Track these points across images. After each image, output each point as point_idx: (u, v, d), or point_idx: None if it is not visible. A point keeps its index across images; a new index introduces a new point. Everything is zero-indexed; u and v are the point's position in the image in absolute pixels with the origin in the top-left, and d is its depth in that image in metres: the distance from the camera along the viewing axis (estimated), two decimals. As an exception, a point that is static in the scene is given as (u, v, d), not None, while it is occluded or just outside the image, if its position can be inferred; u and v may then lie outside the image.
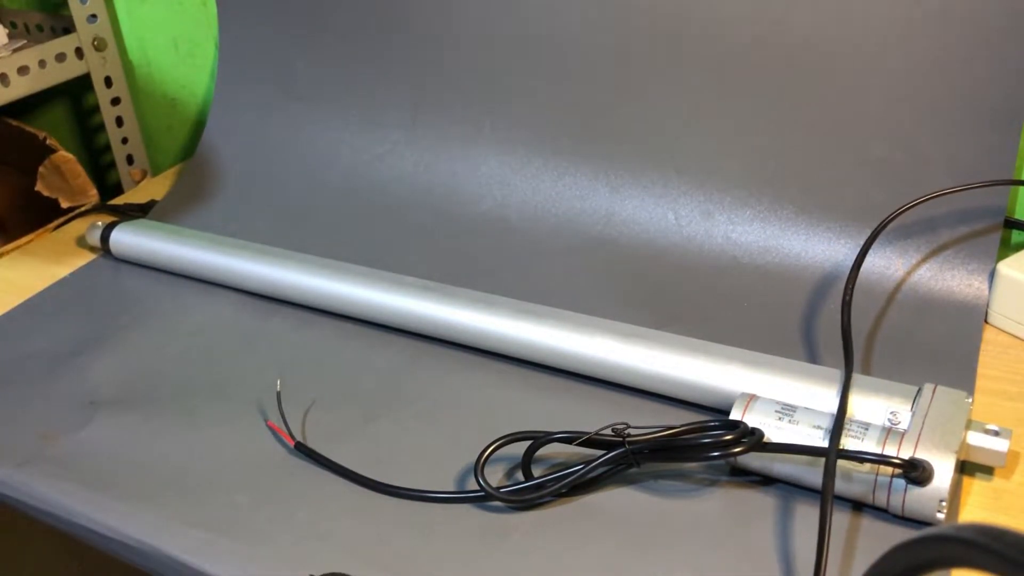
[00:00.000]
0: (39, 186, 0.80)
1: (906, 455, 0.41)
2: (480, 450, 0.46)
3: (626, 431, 0.44)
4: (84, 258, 0.72)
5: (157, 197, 0.80)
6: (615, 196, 0.67)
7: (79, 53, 0.84)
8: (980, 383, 0.51)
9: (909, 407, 0.44)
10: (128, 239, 0.69)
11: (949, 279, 0.57)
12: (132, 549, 0.45)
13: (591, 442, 0.45)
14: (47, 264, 0.72)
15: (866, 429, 0.43)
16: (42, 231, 0.76)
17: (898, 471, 0.41)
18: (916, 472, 0.40)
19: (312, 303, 0.62)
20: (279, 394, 0.53)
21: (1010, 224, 0.59)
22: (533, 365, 0.55)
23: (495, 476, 0.47)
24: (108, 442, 0.51)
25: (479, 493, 0.45)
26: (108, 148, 0.93)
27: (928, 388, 0.45)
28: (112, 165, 0.98)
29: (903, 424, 0.43)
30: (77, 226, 0.77)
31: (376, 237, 0.70)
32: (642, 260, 0.63)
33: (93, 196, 0.80)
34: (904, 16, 0.57)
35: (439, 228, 0.70)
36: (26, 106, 0.98)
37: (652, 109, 0.66)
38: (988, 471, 0.45)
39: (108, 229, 0.70)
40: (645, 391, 0.52)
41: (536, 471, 0.46)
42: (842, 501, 0.44)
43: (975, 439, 0.44)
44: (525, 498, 0.45)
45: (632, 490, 0.46)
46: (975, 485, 0.45)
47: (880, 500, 0.42)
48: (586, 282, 0.62)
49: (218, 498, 0.47)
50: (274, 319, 0.62)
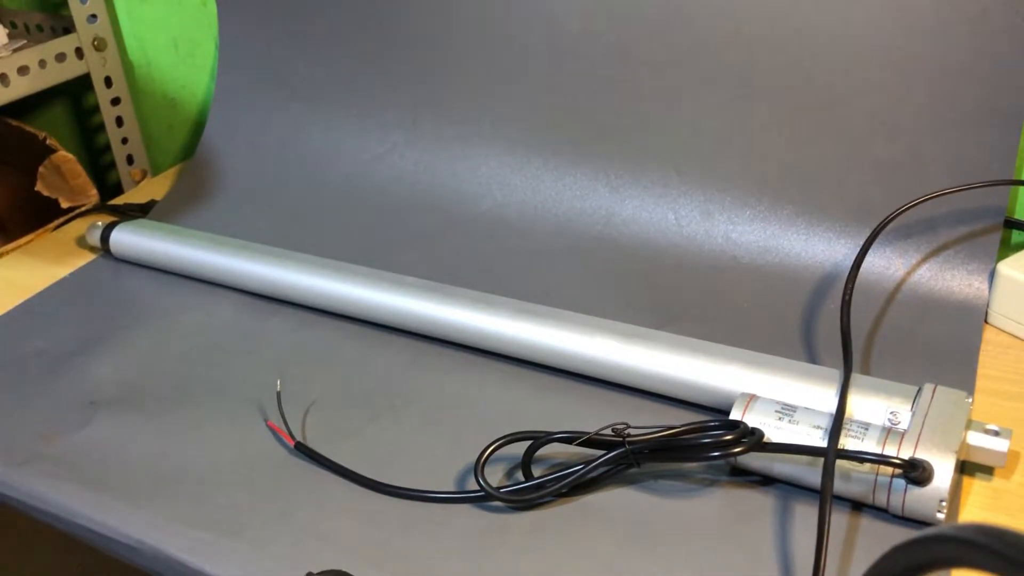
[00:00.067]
0: (39, 186, 0.80)
1: (906, 455, 0.41)
2: (480, 450, 0.46)
3: (626, 431, 0.44)
4: (84, 258, 0.72)
5: (157, 197, 0.80)
6: (615, 196, 0.67)
7: (79, 53, 0.84)
8: (980, 383, 0.51)
9: (909, 407, 0.44)
10: (128, 239, 0.69)
11: (949, 279, 0.57)
12: (132, 549, 0.45)
13: (591, 442, 0.45)
14: (47, 264, 0.72)
15: (866, 429, 0.43)
16: (42, 231, 0.76)
17: (898, 471, 0.41)
18: (916, 472, 0.40)
19: (312, 303, 0.62)
20: (279, 394, 0.53)
21: (1010, 224, 0.59)
22: (533, 365, 0.55)
23: (495, 476, 0.47)
24: (108, 442, 0.51)
25: (479, 493, 0.45)
26: (108, 148, 0.93)
27: (928, 388, 0.45)
28: (112, 165, 0.98)
29: (903, 424, 0.43)
30: (77, 226, 0.77)
31: (376, 237, 0.70)
32: (642, 260, 0.63)
33: (93, 196, 0.80)
34: (904, 16, 0.57)
35: (439, 228, 0.70)
36: (26, 106, 0.98)
37: (652, 109, 0.66)
38: (988, 471, 0.45)
39: (108, 229, 0.70)
40: (645, 391, 0.52)
41: (536, 471, 0.46)
42: (842, 501, 0.44)
43: (975, 439, 0.44)
44: (525, 498, 0.45)
45: (632, 490, 0.46)
46: (975, 485, 0.45)
47: (880, 500, 0.42)
48: (586, 282, 0.62)
49: (218, 498, 0.47)
50: (274, 319, 0.62)
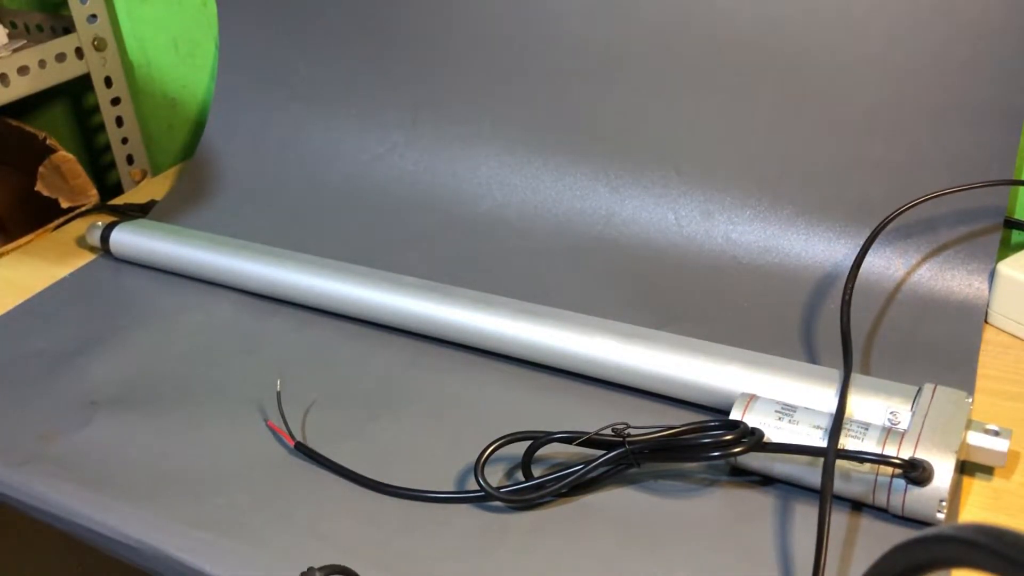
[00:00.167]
0: (39, 186, 0.80)
1: (906, 455, 0.41)
2: (480, 450, 0.46)
3: (626, 431, 0.44)
4: (84, 258, 0.72)
5: (157, 197, 0.80)
6: (615, 196, 0.67)
7: (79, 53, 0.84)
8: (980, 383, 0.51)
9: (909, 407, 0.44)
10: (128, 239, 0.69)
11: (949, 279, 0.57)
12: (132, 549, 0.45)
13: (591, 442, 0.45)
14: (47, 264, 0.72)
15: (866, 429, 0.43)
16: (42, 231, 0.76)
17: (898, 471, 0.41)
18: (916, 472, 0.40)
19: (312, 303, 0.62)
20: (279, 394, 0.53)
21: (1010, 224, 0.59)
22: (533, 365, 0.55)
23: (495, 476, 0.47)
24: (108, 442, 0.51)
25: (479, 493, 0.45)
26: (108, 148, 0.93)
27: (928, 388, 0.45)
28: (112, 165, 0.98)
29: (903, 424, 0.43)
30: (77, 226, 0.77)
31: (376, 237, 0.70)
32: (642, 260, 0.63)
33: (93, 196, 0.80)
34: (904, 16, 0.57)
35: (439, 228, 0.70)
36: (26, 106, 0.98)
37: (652, 109, 0.66)
38: (988, 471, 0.45)
39: (108, 229, 0.70)
40: (645, 391, 0.52)
41: (536, 471, 0.46)
42: (842, 501, 0.44)
43: (975, 439, 0.44)
44: (525, 498, 0.45)
45: (632, 490, 0.46)
46: (975, 485, 0.45)
47: (880, 500, 0.42)
48: (586, 282, 0.62)
49: (218, 498, 0.47)
50: (274, 319, 0.62)
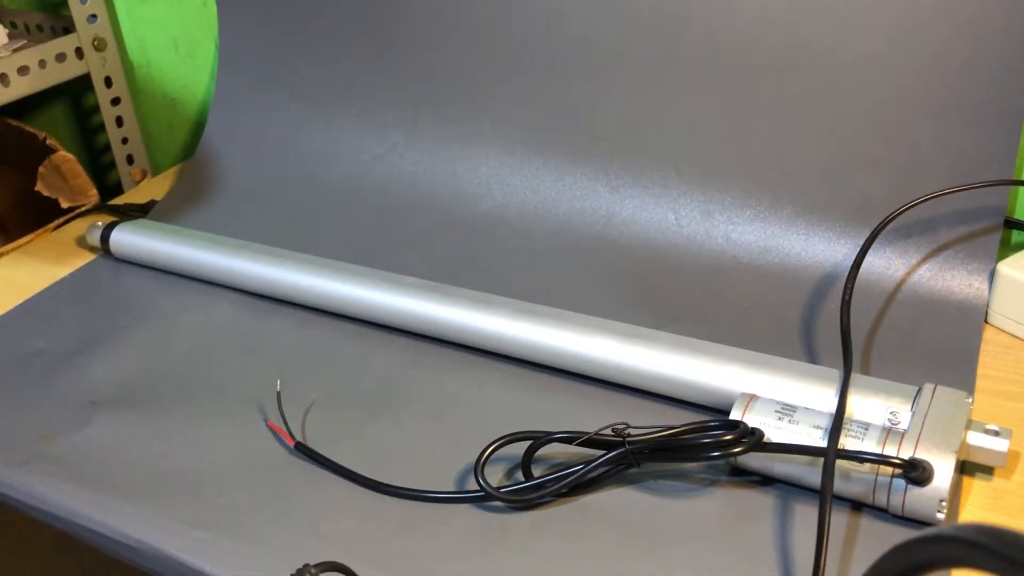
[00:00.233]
0: (39, 186, 0.80)
1: (906, 455, 0.41)
2: (480, 450, 0.46)
3: (626, 431, 0.44)
4: (84, 258, 0.72)
5: (157, 197, 0.80)
6: (615, 196, 0.67)
7: (79, 53, 0.84)
8: (980, 383, 0.51)
9: (909, 407, 0.44)
10: (128, 239, 0.69)
11: (949, 279, 0.57)
12: (132, 549, 0.45)
13: (591, 442, 0.45)
14: (47, 264, 0.72)
15: (866, 429, 0.43)
16: (42, 231, 0.76)
17: (898, 471, 0.41)
18: (916, 472, 0.40)
19: (312, 303, 0.62)
20: (279, 394, 0.53)
21: (1010, 224, 0.59)
22: (533, 365, 0.55)
23: (495, 476, 0.47)
24: (108, 442, 0.51)
25: (479, 493, 0.45)
26: (108, 148, 0.93)
27: (928, 388, 0.45)
28: (112, 165, 0.98)
29: (903, 424, 0.43)
30: (77, 226, 0.77)
31: (376, 237, 0.70)
32: (642, 260, 0.63)
33: (93, 196, 0.80)
34: (904, 16, 0.57)
35: (439, 228, 0.70)
36: (26, 106, 0.98)
37: (652, 109, 0.66)
38: (988, 471, 0.45)
39: (108, 229, 0.70)
40: (645, 391, 0.52)
41: (536, 471, 0.46)
42: (842, 501, 0.44)
43: (975, 439, 0.44)
44: (525, 498, 0.45)
45: (632, 490, 0.46)
46: (975, 485, 0.45)
47: (880, 500, 0.42)
48: (586, 282, 0.62)
49: (218, 498, 0.47)
50: (274, 319, 0.62)
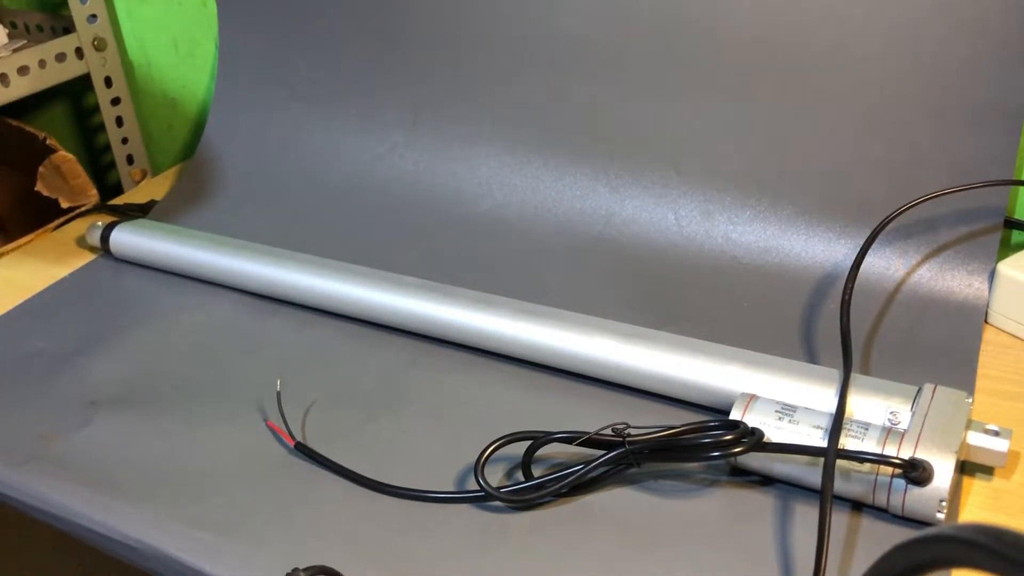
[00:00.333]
0: (39, 186, 0.80)
1: (906, 455, 0.41)
2: (480, 450, 0.46)
3: (626, 431, 0.44)
4: (84, 258, 0.72)
5: (157, 197, 0.80)
6: (615, 196, 0.67)
7: (79, 53, 0.84)
8: (980, 383, 0.51)
9: (909, 407, 0.44)
10: (128, 239, 0.69)
11: (949, 279, 0.57)
12: (132, 549, 0.45)
13: (591, 442, 0.45)
14: (47, 264, 0.72)
15: (866, 429, 0.43)
16: (42, 231, 0.76)
17: (898, 471, 0.41)
18: (916, 472, 0.40)
19: (312, 303, 0.62)
20: (279, 394, 0.53)
21: (1010, 224, 0.59)
22: (533, 365, 0.55)
23: (495, 476, 0.47)
24: (108, 442, 0.51)
25: (479, 493, 0.45)
26: (108, 148, 0.93)
27: (928, 388, 0.45)
28: (112, 165, 0.98)
29: (903, 424, 0.43)
30: (77, 226, 0.77)
31: (376, 237, 0.70)
32: (642, 260, 0.63)
33: (93, 196, 0.80)
34: (904, 16, 0.57)
35: (439, 228, 0.70)
36: (26, 106, 0.98)
37: (652, 109, 0.66)
38: (988, 471, 0.45)
39: (108, 229, 0.70)
40: (645, 391, 0.52)
41: (536, 471, 0.46)
42: (842, 501, 0.44)
43: (975, 439, 0.44)
44: (525, 498, 0.45)
45: (632, 490, 0.46)
46: (975, 485, 0.45)
47: (880, 500, 0.42)
48: (586, 282, 0.62)
49: (218, 498, 0.47)
50: (274, 319, 0.62)
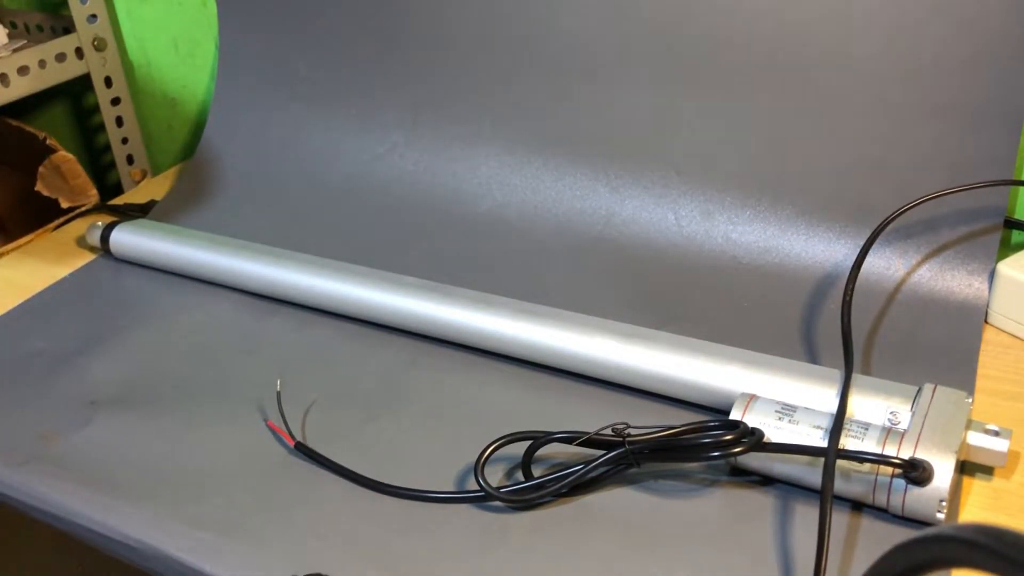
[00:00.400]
0: (39, 186, 0.80)
1: (906, 455, 0.41)
2: (480, 450, 0.46)
3: (626, 431, 0.44)
4: (84, 258, 0.72)
5: (157, 197, 0.80)
6: (615, 196, 0.67)
7: (79, 53, 0.84)
8: (980, 383, 0.51)
9: (909, 407, 0.44)
10: (128, 239, 0.69)
11: (949, 279, 0.57)
12: (132, 549, 0.45)
13: (591, 442, 0.45)
14: (47, 264, 0.72)
15: (866, 429, 0.43)
16: (42, 231, 0.76)
17: (898, 471, 0.41)
18: (916, 472, 0.40)
19: (312, 303, 0.62)
20: (279, 394, 0.53)
21: (1010, 224, 0.59)
22: (533, 365, 0.55)
23: (495, 476, 0.47)
24: (108, 442, 0.51)
25: (479, 493, 0.45)
26: (108, 148, 0.93)
27: (928, 388, 0.45)
28: (112, 165, 0.98)
29: (903, 424, 0.43)
30: (77, 226, 0.77)
31: (376, 237, 0.70)
32: (642, 260, 0.63)
33: (93, 196, 0.80)
34: (904, 16, 0.57)
35: (439, 228, 0.70)
36: (26, 106, 0.98)
37: (652, 109, 0.66)
38: (988, 471, 0.45)
39: (108, 229, 0.70)
40: (645, 391, 0.52)
41: (536, 471, 0.46)
42: (842, 501, 0.44)
43: (975, 439, 0.44)
44: (525, 498, 0.45)
45: (632, 490, 0.46)
46: (975, 485, 0.45)
47: (880, 500, 0.42)
48: (586, 282, 0.62)
49: (218, 498, 0.47)
50: (274, 319, 0.62)
